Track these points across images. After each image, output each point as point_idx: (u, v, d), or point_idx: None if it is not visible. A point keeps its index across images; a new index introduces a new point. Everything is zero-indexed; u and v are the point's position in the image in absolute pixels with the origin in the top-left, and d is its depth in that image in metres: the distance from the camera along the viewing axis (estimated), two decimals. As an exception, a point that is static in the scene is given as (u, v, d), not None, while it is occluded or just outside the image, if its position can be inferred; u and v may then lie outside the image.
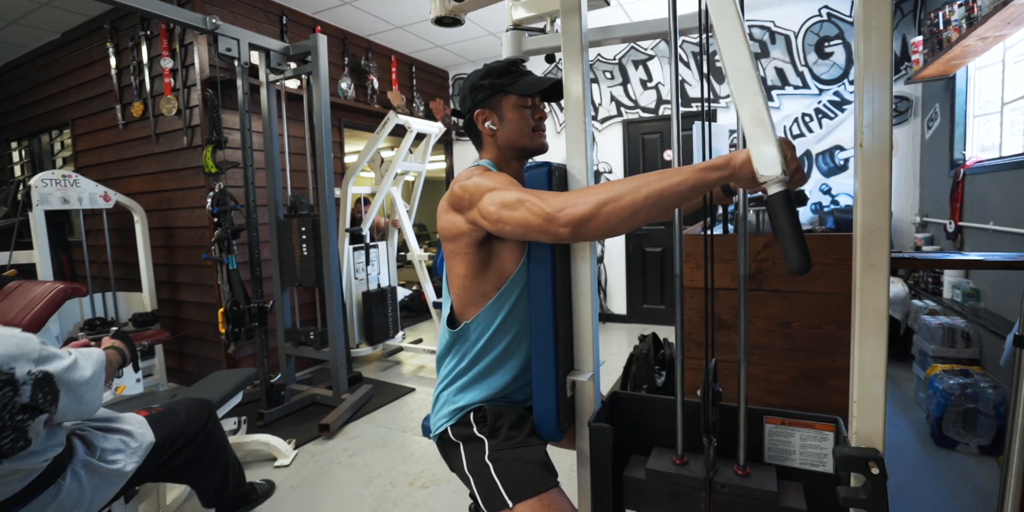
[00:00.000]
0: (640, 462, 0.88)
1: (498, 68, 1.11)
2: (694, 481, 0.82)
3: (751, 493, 0.78)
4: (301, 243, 2.92)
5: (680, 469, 0.84)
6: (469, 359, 1.09)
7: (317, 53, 2.78)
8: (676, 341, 0.93)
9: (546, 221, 0.85)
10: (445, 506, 1.96)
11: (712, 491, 0.81)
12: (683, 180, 0.79)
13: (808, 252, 0.69)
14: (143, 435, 1.38)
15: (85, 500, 1.21)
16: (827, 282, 1.36)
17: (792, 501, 0.77)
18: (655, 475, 0.85)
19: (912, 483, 1.96)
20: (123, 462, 1.30)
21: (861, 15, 0.69)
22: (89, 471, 1.23)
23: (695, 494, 0.82)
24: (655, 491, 0.85)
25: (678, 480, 0.83)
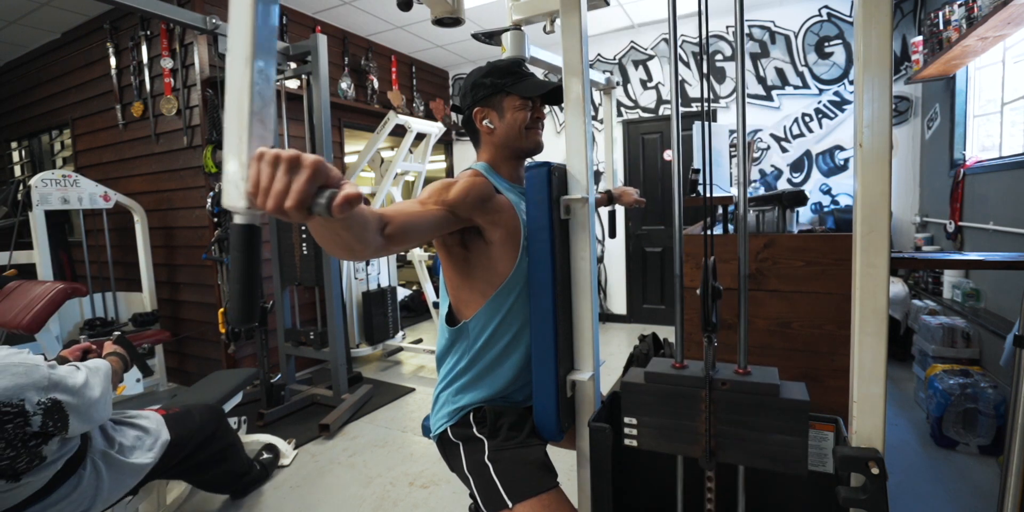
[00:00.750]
0: (639, 371, 0.86)
1: (501, 67, 1.11)
2: (694, 380, 0.80)
3: (753, 388, 0.77)
4: (301, 242, 2.92)
5: (680, 371, 0.83)
6: (469, 358, 1.09)
7: (317, 53, 2.78)
8: (676, 341, 0.93)
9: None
10: (445, 506, 1.96)
11: (713, 389, 0.79)
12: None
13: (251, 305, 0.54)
14: (159, 432, 1.44)
15: (103, 490, 1.25)
16: (827, 282, 1.36)
17: (794, 394, 0.75)
18: (654, 378, 0.83)
19: (912, 483, 1.96)
20: (140, 457, 1.35)
21: (861, 15, 0.69)
22: (107, 462, 1.27)
23: (696, 394, 0.80)
24: (655, 394, 0.83)
25: (678, 380, 0.81)
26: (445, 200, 0.95)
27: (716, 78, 4.17)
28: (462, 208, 0.96)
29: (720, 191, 2.10)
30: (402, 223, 0.83)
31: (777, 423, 0.75)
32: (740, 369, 0.82)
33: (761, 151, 4.09)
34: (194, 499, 2.04)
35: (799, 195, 1.71)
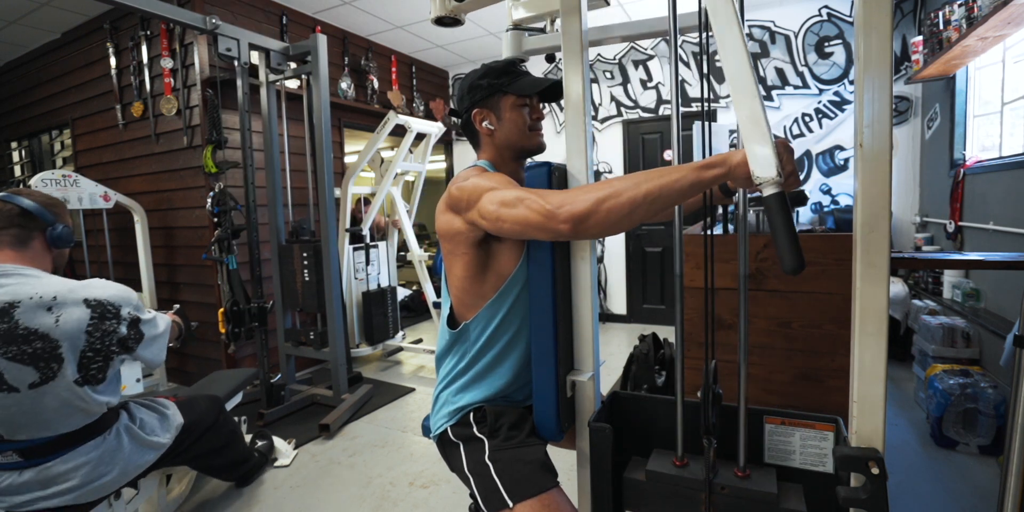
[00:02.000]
0: (640, 463, 0.88)
1: (497, 68, 1.11)
2: (694, 483, 0.82)
3: (751, 494, 0.79)
4: (303, 269, 2.93)
5: (680, 471, 0.84)
6: (468, 359, 1.09)
7: (317, 53, 2.78)
8: (676, 341, 0.93)
9: (546, 218, 0.85)
10: (445, 506, 1.96)
11: (712, 493, 0.81)
12: (681, 177, 0.79)
13: (802, 253, 0.70)
14: (175, 416, 1.58)
15: (121, 459, 1.37)
16: (827, 282, 1.36)
17: (792, 503, 0.77)
18: (655, 476, 0.85)
19: (912, 483, 1.96)
20: (159, 435, 1.49)
21: (861, 15, 0.69)
22: (130, 435, 1.41)
23: (695, 496, 0.82)
24: (655, 493, 0.85)
25: (678, 482, 0.83)
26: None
27: (716, 78, 4.17)
28: None
29: (720, 191, 2.09)
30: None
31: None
32: (739, 471, 0.83)
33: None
34: (194, 497, 2.04)
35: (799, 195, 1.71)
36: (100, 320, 1.27)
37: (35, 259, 1.34)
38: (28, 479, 1.25)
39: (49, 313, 1.22)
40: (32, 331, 1.20)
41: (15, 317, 1.20)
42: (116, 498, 1.47)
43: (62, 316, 1.22)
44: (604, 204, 0.81)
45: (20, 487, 1.25)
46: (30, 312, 1.21)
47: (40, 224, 1.36)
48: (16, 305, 1.20)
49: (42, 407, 1.23)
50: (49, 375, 1.22)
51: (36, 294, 1.22)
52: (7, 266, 1.26)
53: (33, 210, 1.34)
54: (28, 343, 1.20)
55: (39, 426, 1.24)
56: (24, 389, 1.20)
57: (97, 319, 1.27)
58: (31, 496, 1.26)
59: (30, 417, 1.22)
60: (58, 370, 1.22)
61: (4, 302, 1.20)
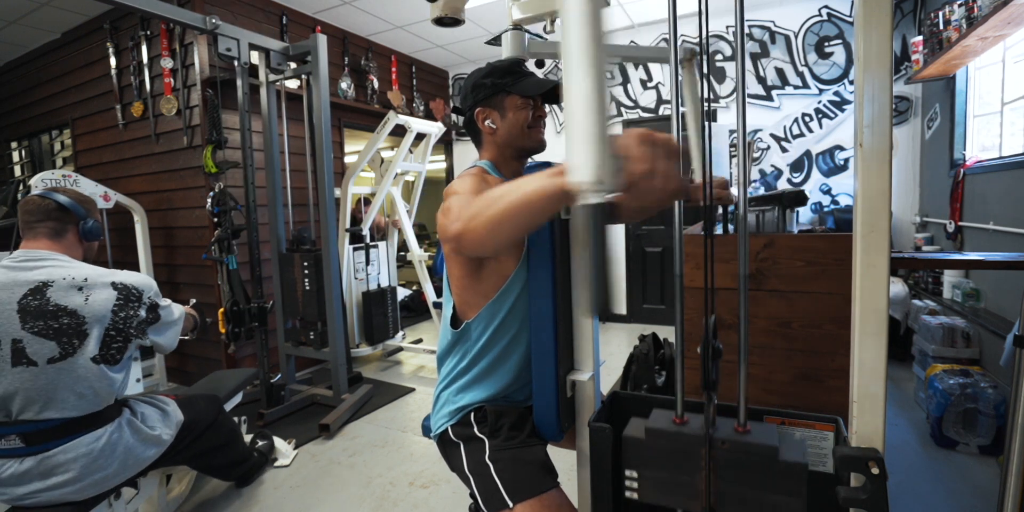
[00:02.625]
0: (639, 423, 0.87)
1: (501, 67, 1.11)
2: (694, 438, 0.81)
3: (752, 448, 0.78)
4: (303, 278, 2.92)
5: (680, 427, 0.84)
6: (469, 359, 1.09)
7: (317, 53, 2.78)
8: (676, 341, 0.93)
9: (443, 233, 0.83)
10: (445, 506, 1.96)
11: (712, 448, 0.80)
12: (529, 191, 0.69)
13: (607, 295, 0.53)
14: (175, 412, 1.61)
15: (121, 452, 1.39)
16: (827, 282, 1.36)
17: (793, 456, 0.76)
18: (655, 433, 0.84)
19: (912, 483, 1.96)
20: (160, 431, 1.51)
21: (861, 15, 0.69)
22: (132, 428, 1.44)
23: (695, 451, 0.81)
24: (655, 450, 0.84)
25: (678, 438, 0.82)
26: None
27: (716, 78, 4.17)
28: None
29: (720, 191, 2.09)
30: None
31: (776, 483, 0.76)
32: (740, 426, 0.82)
33: (761, 151, 4.09)
34: (194, 497, 2.04)
35: (799, 195, 1.71)
36: (125, 302, 1.39)
37: (69, 249, 1.46)
38: (28, 468, 1.27)
39: (80, 292, 1.33)
40: (62, 308, 1.30)
41: (47, 295, 1.30)
42: (116, 498, 1.47)
43: (91, 296, 1.34)
44: (471, 223, 0.75)
45: (21, 477, 1.27)
46: (62, 291, 1.31)
47: (74, 218, 1.48)
48: (50, 284, 1.31)
49: (57, 383, 1.28)
50: (69, 351, 1.29)
51: (69, 276, 1.34)
52: (44, 252, 1.39)
53: (68, 205, 1.46)
54: (56, 319, 1.29)
55: (48, 404, 1.28)
56: (42, 363, 1.27)
57: (123, 301, 1.38)
58: (31, 487, 1.27)
59: (43, 393, 1.27)
60: (79, 346, 1.30)
61: (39, 281, 1.31)
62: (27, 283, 1.30)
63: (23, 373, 1.26)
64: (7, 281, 1.30)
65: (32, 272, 1.33)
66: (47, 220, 1.43)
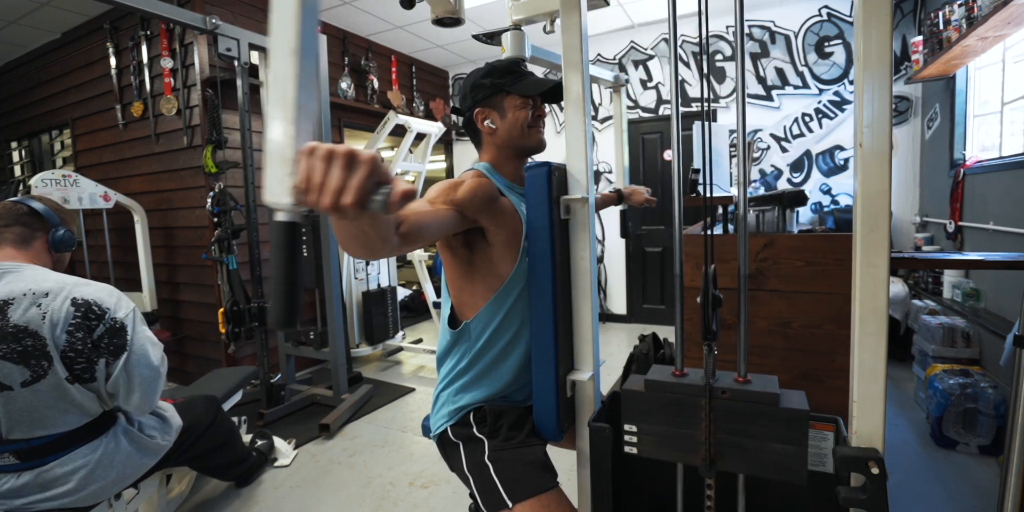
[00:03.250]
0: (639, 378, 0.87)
1: (500, 67, 1.11)
2: (694, 388, 0.80)
3: (753, 396, 0.77)
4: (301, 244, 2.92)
5: (680, 379, 0.84)
6: (469, 359, 1.09)
7: (317, 53, 2.77)
8: (676, 341, 0.93)
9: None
10: (445, 506, 1.96)
11: (713, 398, 0.79)
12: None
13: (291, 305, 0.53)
14: (174, 418, 1.58)
15: (119, 462, 1.35)
16: (827, 282, 1.36)
17: (794, 403, 0.76)
18: (654, 386, 0.83)
19: (912, 483, 1.96)
20: (159, 438, 1.47)
21: (861, 15, 0.69)
22: (128, 438, 1.39)
23: (696, 402, 0.80)
24: (654, 402, 0.83)
25: (678, 389, 0.82)
26: (453, 199, 0.95)
27: (716, 78, 4.17)
28: (469, 208, 0.96)
29: (720, 191, 2.10)
30: (415, 222, 0.82)
31: (777, 432, 0.75)
32: (740, 377, 0.82)
33: (761, 151, 4.09)
34: (194, 497, 2.04)
35: (799, 195, 1.71)
36: (83, 320, 1.25)
37: (35, 259, 1.35)
38: (26, 482, 1.25)
39: (38, 309, 1.22)
40: (22, 328, 1.20)
41: (8, 315, 1.20)
42: (116, 499, 1.47)
43: (49, 312, 1.22)
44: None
45: (19, 490, 1.24)
46: (22, 309, 1.21)
47: (45, 225, 1.38)
48: (10, 302, 1.21)
49: (37, 404, 1.23)
50: (40, 373, 1.22)
51: (30, 290, 1.23)
52: (7, 264, 1.27)
53: (41, 211, 1.37)
54: (18, 341, 1.20)
55: (35, 424, 1.24)
56: (17, 387, 1.20)
57: (81, 318, 1.25)
58: (31, 498, 1.25)
59: (25, 415, 1.22)
60: (48, 368, 1.22)
61: (0, 300, 1.21)
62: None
63: (0, 398, 1.20)
64: None
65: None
66: (14, 225, 1.33)
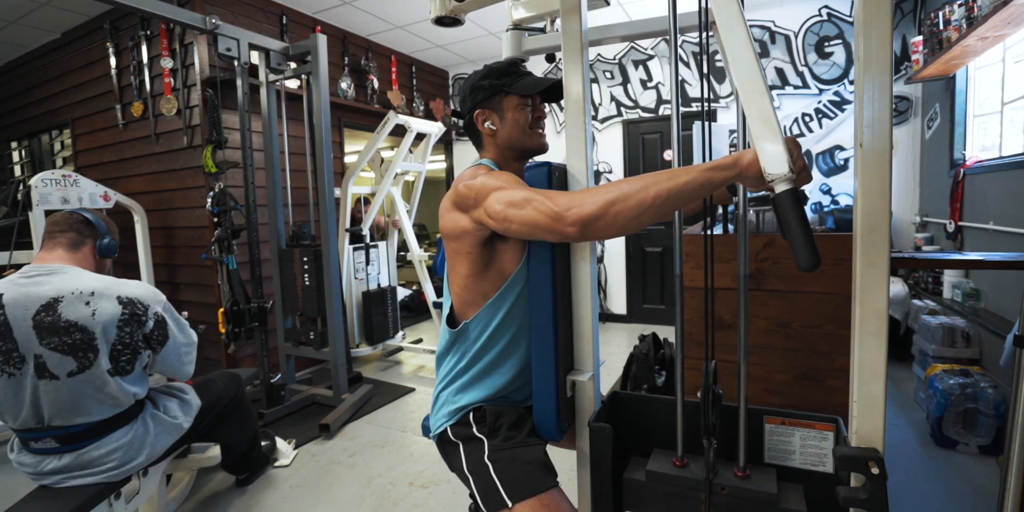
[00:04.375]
0: (640, 463, 0.88)
1: (498, 69, 1.11)
2: (694, 483, 0.82)
3: (751, 495, 0.79)
4: (303, 273, 2.92)
5: (680, 471, 0.84)
6: (468, 358, 1.09)
7: (317, 53, 2.78)
8: (676, 341, 0.93)
9: (553, 220, 0.85)
10: (445, 506, 1.96)
11: (712, 493, 0.81)
12: (691, 180, 0.78)
13: (817, 250, 0.69)
14: (193, 399, 1.71)
15: (148, 443, 1.50)
16: (827, 282, 1.36)
17: (792, 503, 0.77)
18: (655, 477, 0.85)
19: (912, 483, 1.96)
20: (181, 418, 1.62)
21: (861, 15, 0.69)
22: (155, 421, 1.54)
23: (695, 496, 0.82)
24: (655, 493, 0.85)
25: (678, 482, 0.83)
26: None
27: (716, 78, 4.17)
28: None
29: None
30: None
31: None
32: (739, 471, 0.83)
33: (761, 151, 4.09)
34: (194, 497, 2.04)
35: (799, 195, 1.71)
36: (130, 317, 1.41)
37: (82, 262, 1.52)
38: (68, 462, 1.39)
39: (87, 306, 1.36)
40: (72, 323, 1.34)
41: (58, 311, 1.34)
42: (116, 498, 1.47)
43: (98, 310, 1.37)
44: (612, 207, 0.80)
45: (61, 469, 1.39)
46: (71, 305, 1.35)
47: (94, 233, 1.57)
48: (60, 300, 1.35)
49: (79, 394, 1.36)
50: (86, 364, 1.36)
51: (77, 289, 1.38)
52: (55, 265, 1.44)
53: (92, 219, 1.57)
54: (68, 334, 1.34)
55: (74, 412, 1.37)
56: (63, 377, 1.34)
57: (127, 316, 1.41)
58: (71, 474, 1.40)
59: (67, 403, 1.35)
60: (94, 360, 1.36)
61: (50, 297, 1.35)
62: (39, 299, 1.34)
63: (47, 386, 1.34)
64: (20, 298, 1.34)
65: (43, 287, 1.37)
66: (69, 231, 1.51)
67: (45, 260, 1.46)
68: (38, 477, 1.41)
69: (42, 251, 1.49)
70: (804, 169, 0.76)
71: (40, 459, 1.39)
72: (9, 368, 1.33)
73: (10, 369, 1.33)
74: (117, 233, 1.67)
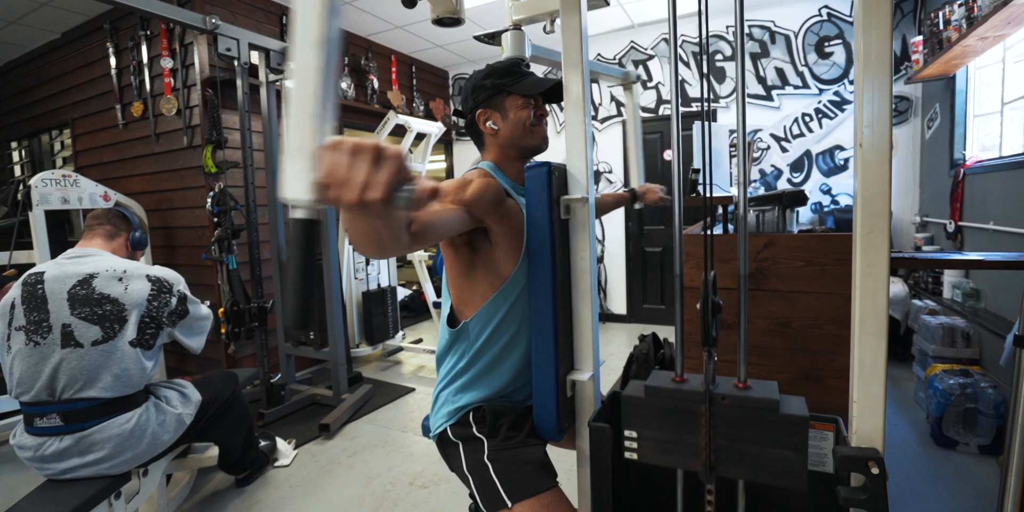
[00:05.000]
0: (639, 384, 0.87)
1: (500, 68, 1.11)
2: (694, 395, 0.80)
3: (753, 403, 0.77)
4: None
5: (680, 385, 0.83)
6: (468, 358, 1.09)
7: (317, 53, 2.77)
8: (676, 341, 0.93)
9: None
10: (445, 506, 1.96)
11: (712, 404, 0.79)
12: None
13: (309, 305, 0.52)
14: (193, 394, 1.76)
15: (149, 433, 1.53)
16: (827, 282, 1.36)
17: (794, 409, 0.75)
18: (654, 392, 0.83)
19: (912, 483, 1.96)
20: (182, 412, 1.66)
21: (861, 15, 0.69)
22: (159, 411, 1.59)
23: (696, 408, 0.80)
24: (654, 408, 0.83)
25: (678, 395, 0.81)
26: (463, 199, 0.94)
27: (716, 78, 4.17)
28: (477, 208, 0.96)
29: (720, 191, 2.10)
30: (426, 221, 0.80)
31: (777, 438, 0.75)
32: (740, 383, 0.82)
33: (761, 151, 4.09)
34: (194, 497, 2.04)
35: (799, 195, 1.71)
36: (158, 292, 1.58)
37: (117, 251, 1.69)
38: (68, 445, 1.42)
39: (120, 283, 1.53)
40: (105, 296, 1.50)
41: (93, 284, 1.50)
42: (116, 498, 1.47)
43: (130, 285, 1.54)
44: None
45: (62, 454, 1.42)
46: (105, 281, 1.52)
47: (129, 227, 1.74)
48: (95, 276, 1.52)
49: (98, 364, 1.45)
50: (111, 334, 1.48)
51: (111, 267, 1.55)
52: (93, 249, 1.63)
53: (127, 214, 1.75)
54: (100, 306, 1.48)
55: (89, 383, 1.44)
56: (87, 345, 1.45)
57: (156, 291, 1.58)
58: (71, 463, 1.43)
59: (85, 373, 1.44)
60: (119, 330, 1.49)
61: (86, 273, 1.52)
62: (76, 275, 1.51)
63: (71, 354, 1.43)
64: (60, 274, 1.51)
65: (81, 266, 1.54)
66: (107, 223, 1.69)
67: (85, 246, 1.63)
68: (39, 463, 1.43)
69: (83, 239, 1.66)
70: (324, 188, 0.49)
71: (41, 441, 1.42)
72: (37, 337, 1.44)
73: (37, 338, 1.44)
74: (147, 230, 1.81)
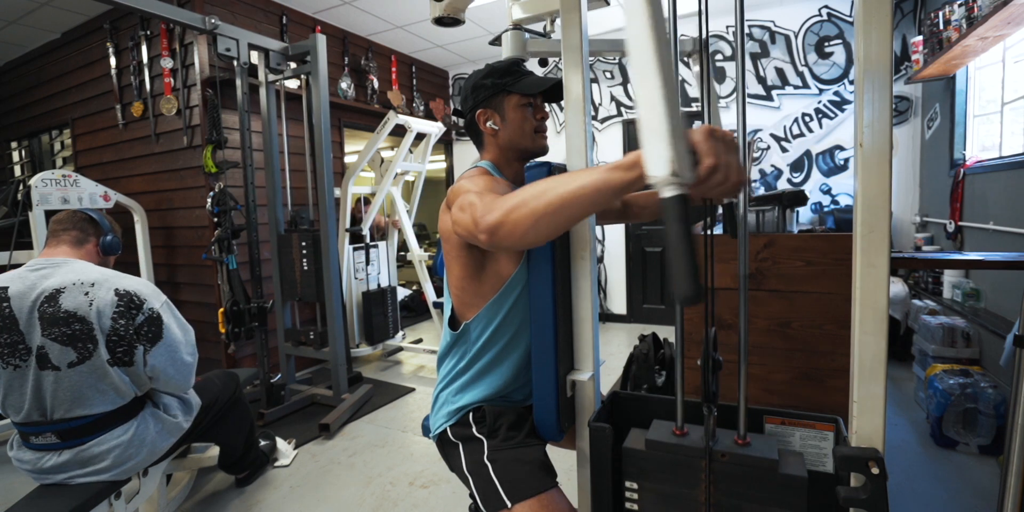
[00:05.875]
0: (640, 435, 0.87)
1: (500, 68, 1.11)
2: (694, 451, 0.81)
3: (752, 461, 0.78)
4: (302, 258, 2.93)
5: (680, 439, 0.84)
6: (468, 359, 1.09)
7: (316, 53, 2.78)
8: (676, 341, 0.93)
9: (474, 226, 0.80)
10: (445, 506, 1.96)
11: (712, 460, 0.80)
12: (586, 183, 0.68)
13: (697, 277, 0.55)
14: (193, 398, 1.70)
15: (149, 442, 1.50)
16: (827, 282, 1.36)
17: (793, 469, 0.76)
18: (655, 445, 0.84)
19: (912, 483, 1.96)
20: (181, 418, 1.61)
21: (861, 15, 0.69)
22: (156, 419, 1.54)
23: (695, 464, 0.81)
24: (655, 462, 0.84)
25: (678, 450, 0.82)
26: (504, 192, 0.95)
27: (716, 78, 4.16)
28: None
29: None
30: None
31: (775, 497, 0.76)
32: (740, 439, 0.82)
33: (761, 151, 4.09)
34: (194, 497, 2.04)
35: (799, 195, 1.71)
36: (126, 309, 1.41)
37: (85, 258, 1.54)
38: (67, 459, 1.39)
39: (86, 296, 1.38)
40: (71, 313, 1.35)
41: (59, 301, 1.36)
42: (116, 498, 1.47)
43: (95, 300, 1.38)
44: (511, 215, 0.74)
45: (61, 467, 1.39)
46: (71, 296, 1.37)
47: (98, 231, 1.60)
48: (62, 290, 1.37)
49: (80, 384, 1.37)
50: (85, 355, 1.37)
51: (79, 280, 1.40)
52: (60, 259, 1.47)
53: (95, 217, 1.61)
54: (68, 325, 1.35)
55: (76, 403, 1.37)
56: (64, 368, 1.35)
57: (124, 308, 1.41)
58: (71, 473, 1.40)
59: (70, 394, 1.36)
60: (93, 350, 1.37)
61: (53, 288, 1.37)
62: (43, 290, 1.36)
63: (49, 376, 1.35)
64: (24, 290, 1.37)
65: (48, 280, 1.39)
66: (72, 229, 1.53)
67: (50, 256, 1.47)
68: (38, 475, 1.40)
69: (47, 247, 1.51)
70: (715, 169, 0.59)
71: (40, 455, 1.39)
72: (15, 360, 1.35)
73: (16, 361, 1.35)
74: (120, 232, 1.69)
